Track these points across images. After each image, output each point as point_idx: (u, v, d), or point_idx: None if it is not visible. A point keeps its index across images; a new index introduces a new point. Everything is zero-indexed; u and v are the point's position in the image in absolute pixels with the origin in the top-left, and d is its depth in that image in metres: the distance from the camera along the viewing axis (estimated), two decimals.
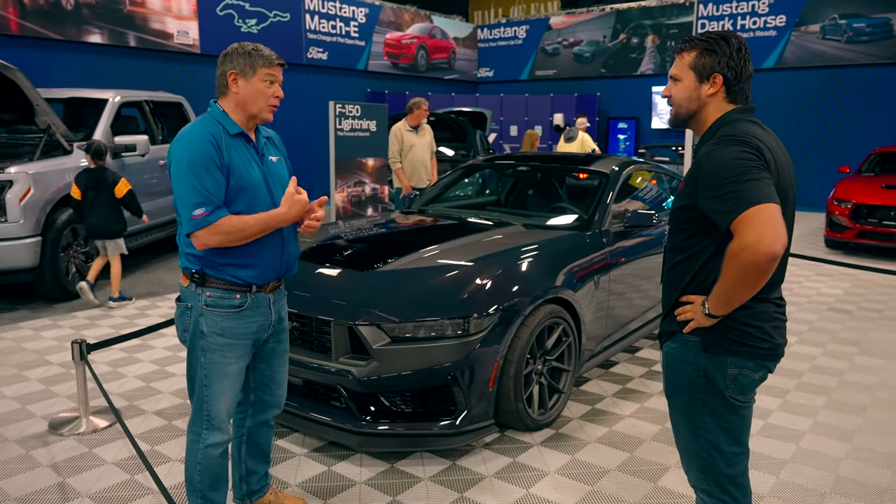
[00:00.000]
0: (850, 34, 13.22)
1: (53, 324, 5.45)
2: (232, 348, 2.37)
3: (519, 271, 3.59)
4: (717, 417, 1.98)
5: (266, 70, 2.33)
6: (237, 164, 2.30)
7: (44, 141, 6.16)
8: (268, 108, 2.37)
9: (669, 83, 2.10)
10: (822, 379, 4.40)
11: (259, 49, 2.34)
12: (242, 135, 2.36)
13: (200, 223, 2.21)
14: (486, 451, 3.36)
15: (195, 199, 2.21)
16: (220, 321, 2.34)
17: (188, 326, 2.37)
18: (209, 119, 2.34)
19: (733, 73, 1.98)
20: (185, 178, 2.22)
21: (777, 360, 2.00)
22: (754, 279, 1.78)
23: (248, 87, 2.31)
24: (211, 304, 2.33)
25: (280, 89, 2.38)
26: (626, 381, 4.35)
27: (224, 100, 2.36)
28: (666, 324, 2.10)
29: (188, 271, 2.36)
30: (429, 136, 7.49)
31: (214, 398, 2.38)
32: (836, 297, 6.58)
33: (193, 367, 2.40)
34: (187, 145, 2.25)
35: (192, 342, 2.38)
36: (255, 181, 2.35)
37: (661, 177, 5.50)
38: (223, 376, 2.37)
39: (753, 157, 1.82)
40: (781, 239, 1.73)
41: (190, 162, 2.22)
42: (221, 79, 2.34)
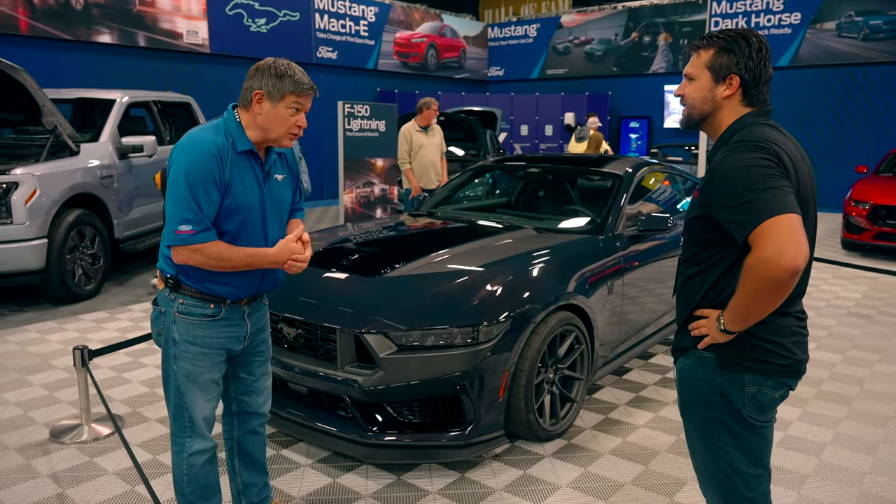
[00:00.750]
0: (866, 32, 13.00)
1: (59, 327, 5.40)
2: (205, 357, 2.29)
3: (530, 277, 3.49)
4: (736, 437, 1.87)
5: (295, 98, 2.21)
6: (236, 184, 2.21)
7: (50, 142, 6.11)
8: (288, 136, 2.26)
9: (683, 81, 1.98)
10: (842, 388, 4.27)
11: (292, 73, 2.20)
12: (251, 152, 2.25)
13: (183, 240, 2.13)
14: (496, 463, 3.26)
15: (185, 213, 2.12)
16: (192, 329, 2.27)
17: (162, 331, 2.32)
18: (220, 128, 2.23)
19: (751, 75, 1.86)
20: (180, 189, 2.12)
21: (798, 378, 1.88)
22: (773, 295, 1.67)
23: (272, 112, 2.20)
24: (183, 312, 2.26)
25: (304, 119, 2.27)
26: (640, 388, 4.24)
27: (244, 112, 2.25)
28: (679, 339, 1.99)
29: (164, 275, 2.30)
30: (439, 137, 7.40)
31: (191, 405, 2.31)
32: (856, 301, 6.43)
33: (167, 373, 2.33)
34: (190, 154, 2.15)
35: (166, 349, 2.32)
36: (251, 204, 2.25)
37: (676, 178, 5.37)
38: (196, 385, 2.30)
39: (772, 163, 1.71)
40: (803, 252, 1.62)
41: (188, 172, 2.12)
42: (247, 93, 2.22)
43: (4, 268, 5.47)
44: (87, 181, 6.18)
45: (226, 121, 2.25)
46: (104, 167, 6.42)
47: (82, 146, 6.34)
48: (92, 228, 6.24)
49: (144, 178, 7.00)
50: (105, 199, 6.41)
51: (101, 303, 6.09)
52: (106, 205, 6.44)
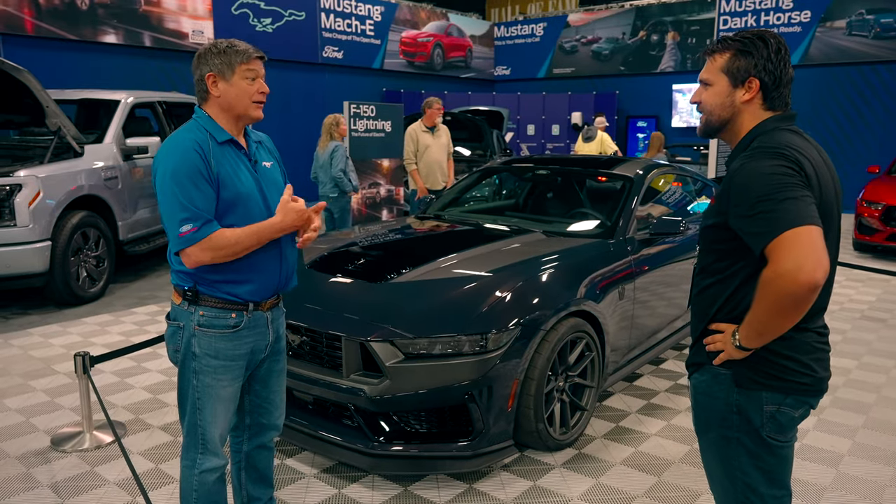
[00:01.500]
0: (877, 30, 12.85)
1: (62, 330, 5.35)
2: (226, 370, 2.22)
3: (540, 283, 3.41)
4: (754, 457, 1.78)
5: (245, 66, 2.15)
6: (227, 173, 2.15)
7: (54, 143, 6.07)
8: (254, 105, 2.20)
9: (699, 88, 1.88)
10: (858, 395, 4.17)
11: (234, 45, 2.16)
12: (232, 141, 2.20)
13: (189, 240, 2.06)
14: (505, 474, 3.19)
15: (182, 214, 2.05)
16: (213, 342, 2.19)
17: (179, 347, 2.22)
18: (194, 126, 2.17)
19: (771, 78, 1.77)
20: (171, 192, 2.06)
21: (820, 396, 1.79)
22: (791, 311, 1.58)
23: (230, 88, 2.15)
24: (204, 325, 2.18)
25: (264, 84, 2.21)
26: (652, 395, 4.15)
27: (207, 105, 2.20)
28: (694, 353, 1.90)
29: (180, 289, 2.21)
30: (445, 137, 7.32)
31: (208, 422, 2.24)
32: (870, 305, 6.32)
33: (185, 389, 2.25)
34: (171, 156, 2.10)
35: (184, 364, 2.23)
36: (248, 190, 2.20)
37: (686, 179, 5.28)
38: (216, 400, 2.23)
39: (792, 171, 1.62)
40: (823, 266, 1.53)
41: (174, 173, 2.06)
42: (200, 84, 2.17)
43: (8, 270, 5.42)
44: (91, 183, 6.14)
45: (197, 119, 2.20)
46: (108, 168, 6.38)
47: (86, 147, 6.30)
48: (96, 230, 6.19)
49: (149, 179, 6.95)
50: (109, 201, 6.37)
51: (106, 305, 6.05)
52: (110, 206, 6.39)
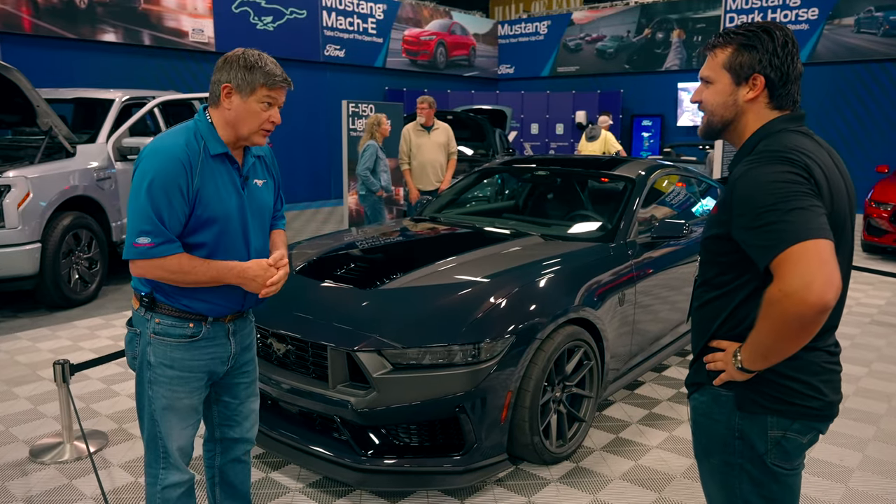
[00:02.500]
0: (886, 27, 12.64)
1: (51, 334, 5.24)
2: (183, 381, 2.10)
3: (536, 290, 3.27)
4: (758, 485, 1.64)
5: (266, 91, 2.02)
6: (210, 191, 2.01)
7: (45, 143, 5.96)
8: (260, 132, 2.06)
9: (700, 86, 1.74)
10: (869, 405, 4.02)
11: (263, 64, 2.01)
12: (225, 155, 2.07)
13: (141, 253, 1.95)
14: (498, 490, 3.05)
15: (143, 224, 1.94)
16: (169, 351, 2.08)
17: (137, 354, 2.12)
18: (191, 129, 2.05)
19: (778, 74, 1.62)
20: (141, 198, 1.94)
21: (829, 421, 1.65)
22: (798, 333, 1.44)
23: (242, 107, 2.02)
24: (160, 333, 2.07)
25: (278, 114, 2.08)
26: (654, 404, 4.01)
27: (214, 110, 2.07)
28: (694, 372, 1.76)
29: (138, 293, 2.11)
30: (443, 137, 7.15)
31: (166, 434, 2.13)
32: (879, 309, 6.16)
33: (141, 400, 2.14)
34: (155, 160, 1.97)
35: (140, 373, 2.12)
36: (228, 212, 2.06)
37: (690, 180, 5.13)
38: (172, 412, 2.11)
39: (800, 178, 1.47)
40: (834, 285, 1.38)
41: (152, 181, 1.94)
42: (215, 87, 2.04)
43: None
44: (84, 183, 6.03)
45: (196, 122, 2.07)
46: (101, 169, 6.26)
47: (79, 147, 6.19)
48: (88, 232, 6.08)
49: None
50: (102, 202, 6.25)
51: (98, 308, 5.94)
52: (103, 208, 6.28)
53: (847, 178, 1.64)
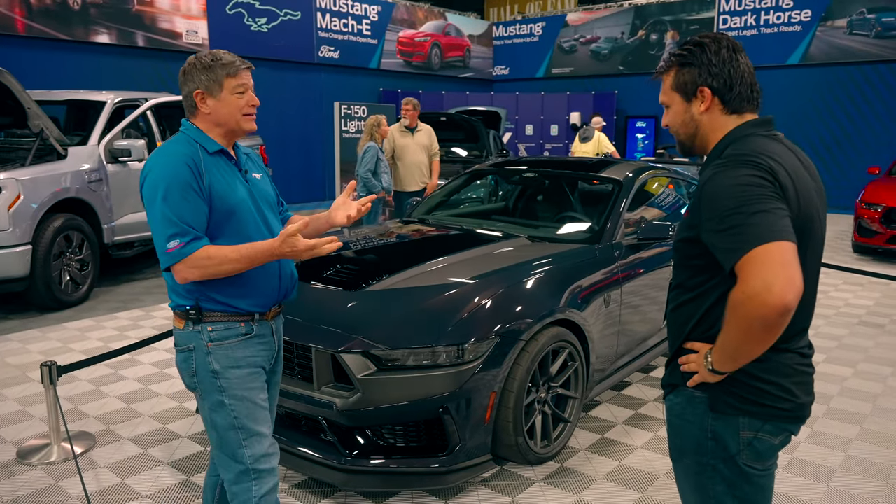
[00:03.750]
0: (878, 29, 12.70)
1: (42, 336, 5.25)
2: (254, 377, 2.10)
3: (520, 291, 3.30)
4: (730, 486, 1.66)
5: (233, 81, 2.06)
6: (220, 184, 2.04)
7: (36, 145, 5.97)
8: (245, 118, 2.11)
9: (665, 111, 1.81)
10: (853, 405, 4.05)
11: (219, 58, 2.06)
12: (223, 152, 2.11)
13: (176, 256, 1.94)
14: (483, 490, 3.07)
15: (169, 229, 1.94)
16: (231, 353, 2.06)
17: (195, 371, 2.07)
18: (183, 139, 2.08)
19: (720, 81, 1.66)
20: (159, 207, 1.95)
21: (801, 422, 1.67)
22: (762, 335, 1.46)
23: (219, 104, 2.06)
24: (217, 339, 2.05)
25: (254, 95, 2.12)
26: (640, 405, 4.04)
27: (196, 119, 2.11)
28: (669, 373, 1.78)
29: (181, 310, 2.07)
30: (426, 138, 7.18)
31: (254, 437, 2.08)
32: (867, 309, 6.19)
33: (217, 413, 2.07)
34: (161, 169, 1.99)
35: (207, 386, 2.07)
36: (241, 199, 2.09)
37: (679, 182, 5.16)
38: (257, 408, 2.09)
39: (765, 181, 1.50)
40: (795, 287, 1.40)
41: (165, 188, 1.95)
42: (188, 100, 2.08)
43: None
44: (75, 185, 6.03)
45: (185, 132, 2.10)
46: (92, 171, 6.27)
47: (70, 149, 6.20)
48: (80, 234, 6.09)
49: (136, 181, 6.84)
50: (94, 204, 6.26)
51: (89, 310, 5.95)
52: (95, 209, 6.29)
53: (817, 181, 1.67)
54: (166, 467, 3.26)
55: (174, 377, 4.40)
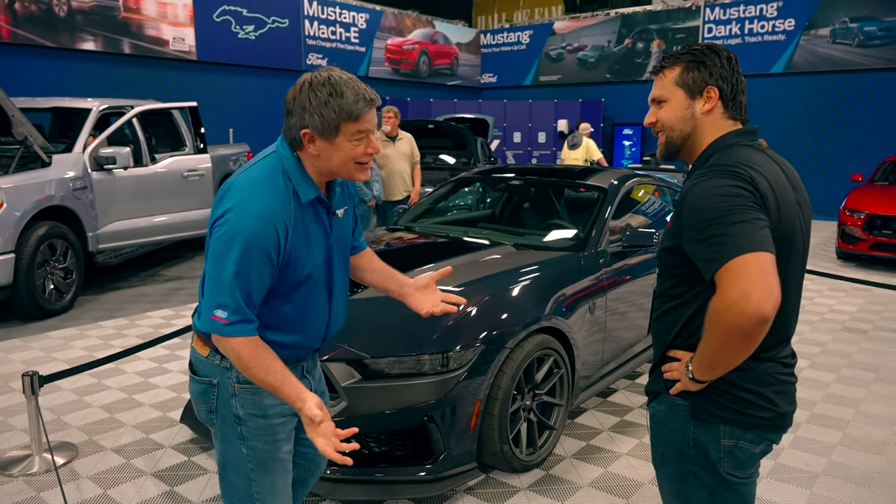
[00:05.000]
0: (861, 38, 12.88)
1: (25, 345, 5.20)
2: (279, 428, 1.87)
3: (505, 298, 3.30)
4: (712, 494, 1.68)
5: (353, 126, 1.70)
6: (301, 250, 1.77)
7: (20, 153, 5.92)
8: (358, 168, 1.77)
9: (652, 109, 1.77)
10: (836, 410, 4.08)
11: (341, 91, 1.68)
12: (318, 199, 1.80)
13: (216, 330, 1.70)
14: (468, 498, 3.07)
15: (223, 297, 1.67)
16: (259, 400, 1.83)
17: (214, 408, 1.86)
18: (278, 176, 1.74)
19: (728, 85, 1.68)
20: (228, 266, 1.66)
21: (782, 432, 1.68)
22: (740, 344, 1.48)
23: (331, 150, 1.72)
24: (244, 381, 1.81)
25: (374, 142, 1.76)
26: (625, 412, 4.05)
27: (301, 152, 1.78)
28: (652, 381, 1.80)
29: (208, 336, 1.80)
30: (407, 146, 7.19)
31: (268, 493, 1.89)
32: (851, 315, 6.25)
33: (233, 459, 1.87)
34: (248, 218, 1.66)
35: (226, 431, 1.86)
36: (316, 267, 1.83)
37: (665, 190, 5.20)
38: (276, 463, 1.89)
39: (745, 191, 1.51)
40: (772, 297, 1.42)
41: (243, 246, 1.65)
42: (293, 132, 1.74)
43: None
44: (59, 193, 5.99)
45: (282, 159, 1.77)
46: (77, 178, 6.22)
47: (54, 157, 6.15)
48: (64, 242, 6.04)
49: (122, 188, 6.79)
50: (78, 212, 6.21)
51: (73, 319, 5.90)
52: (79, 217, 6.24)
53: (800, 192, 1.68)
54: (149, 478, 3.24)
55: (158, 386, 4.37)
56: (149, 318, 5.97)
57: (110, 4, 10.79)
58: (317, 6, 13.88)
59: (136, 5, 11.11)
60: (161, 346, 5.04)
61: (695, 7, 14.80)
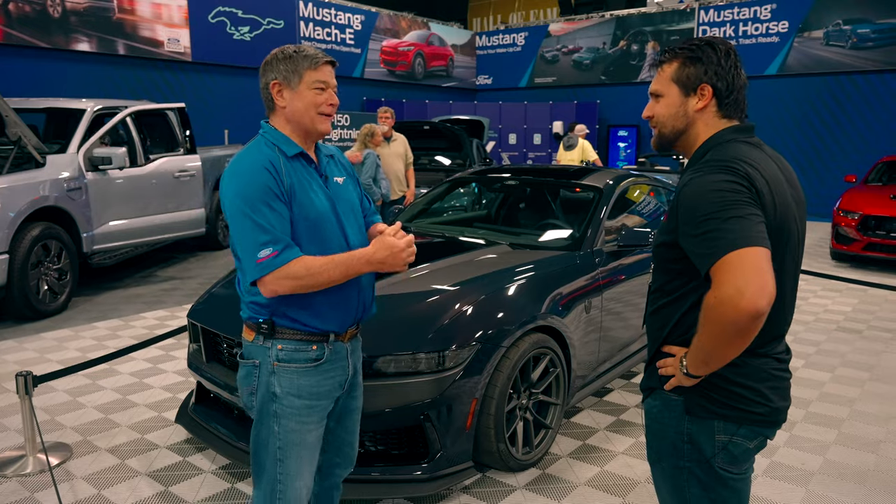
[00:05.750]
0: (854, 40, 12.94)
1: (18, 346, 5.17)
2: (311, 411, 1.99)
3: (501, 298, 3.30)
4: (706, 489, 1.67)
5: (313, 74, 1.95)
6: (302, 190, 1.94)
7: (13, 154, 5.90)
8: (320, 118, 1.99)
9: (650, 102, 1.78)
10: (831, 409, 4.10)
11: (301, 49, 1.97)
12: (302, 155, 2.00)
13: (267, 266, 1.82)
14: (464, 497, 3.07)
15: (260, 237, 1.83)
16: (295, 379, 1.96)
17: (255, 388, 1.98)
18: (261, 143, 1.98)
19: (724, 83, 1.67)
20: (243, 216, 1.85)
21: (776, 427, 1.68)
22: (734, 339, 1.47)
23: (296, 98, 1.96)
24: (284, 360, 1.95)
25: (334, 95, 2.01)
26: (621, 411, 4.05)
27: (274, 117, 2.02)
28: (647, 377, 1.79)
29: (253, 322, 1.97)
30: (401, 147, 7.20)
31: (291, 475, 1.98)
32: (845, 315, 6.27)
33: (265, 438, 1.99)
34: (240, 176, 1.89)
35: (263, 408, 1.98)
36: (321, 210, 1.97)
37: (660, 190, 5.21)
38: (302, 447, 1.99)
39: (740, 187, 1.51)
40: (767, 292, 1.41)
41: (246, 196, 1.85)
42: (265, 92, 1.99)
43: None
44: (54, 194, 5.96)
45: (263, 134, 2.02)
46: (71, 179, 6.20)
47: (49, 158, 6.13)
48: (58, 243, 6.02)
49: (117, 190, 6.78)
50: (73, 213, 6.19)
51: (67, 320, 5.87)
52: (74, 218, 6.22)
53: (796, 188, 1.68)
54: (144, 478, 3.22)
55: (153, 387, 4.35)
56: (143, 318, 5.95)
57: (105, 5, 10.76)
58: (312, 8, 13.87)
59: (130, 6, 11.08)
60: (155, 346, 5.02)
61: (689, 9, 14.85)
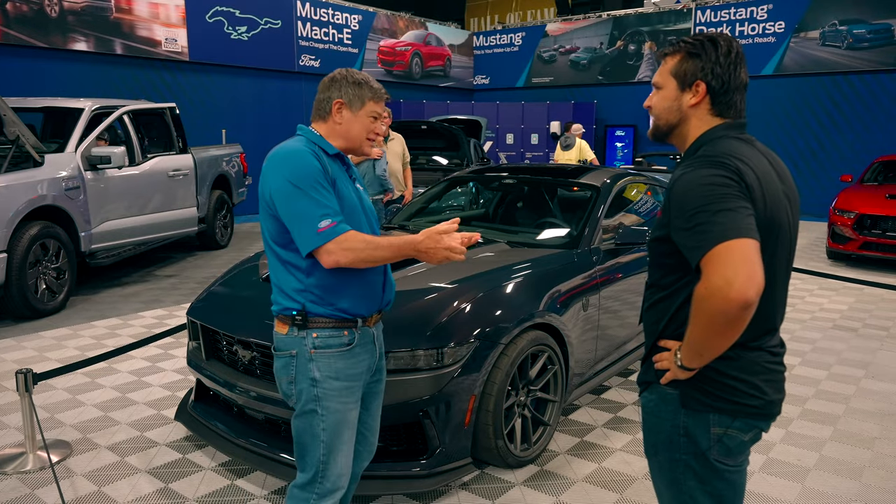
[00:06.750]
0: (850, 40, 13.00)
1: (17, 344, 5.18)
2: (350, 391, 2.13)
3: (499, 295, 3.32)
4: (702, 482, 1.69)
5: (373, 105, 2.17)
6: (341, 184, 2.12)
7: (11, 153, 5.90)
8: (367, 143, 2.21)
9: (653, 91, 1.81)
10: (827, 406, 4.12)
11: (369, 81, 2.18)
12: (339, 156, 2.20)
13: (329, 234, 1.97)
14: (463, 493, 3.08)
15: (318, 210, 1.98)
16: (333, 362, 2.09)
17: (294, 377, 2.11)
18: (302, 140, 2.13)
19: (719, 82, 1.69)
20: (299, 194, 1.99)
21: (771, 420, 1.70)
22: (724, 330, 1.49)
23: (353, 120, 2.16)
24: (321, 346, 2.08)
25: (381, 125, 2.23)
26: (619, 408, 4.08)
27: (321, 125, 2.18)
28: (644, 371, 1.82)
29: (287, 314, 2.10)
30: (399, 146, 7.20)
31: (334, 453, 2.12)
32: (841, 314, 6.31)
33: (309, 423, 2.10)
34: (291, 161, 2.04)
35: (304, 393, 2.10)
36: (354, 203, 2.16)
37: (657, 189, 5.23)
38: (344, 426, 2.13)
39: (730, 181, 1.53)
40: (755, 283, 1.43)
41: (299, 179, 2.00)
42: (325, 104, 2.16)
43: None
44: (52, 193, 5.97)
45: (302, 134, 2.17)
46: (70, 178, 6.21)
47: (47, 157, 6.14)
48: (56, 241, 6.03)
49: (115, 189, 6.79)
50: (71, 212, 6.20)
51: (65, 319, 5.88)
52: (72, 217, 6.23)
53: (788, 184, 1.70)
54: (144, 475, 3.24)
55: (152, 385, 4.37)
56: (141, 317, 5.96)
57: (102, 5, 10.76)
58: (309, 7, 13.88)
59: (127, 6, 11.08)
60: (154, 345, 5.04)
61: (686, 9, 14.89)
